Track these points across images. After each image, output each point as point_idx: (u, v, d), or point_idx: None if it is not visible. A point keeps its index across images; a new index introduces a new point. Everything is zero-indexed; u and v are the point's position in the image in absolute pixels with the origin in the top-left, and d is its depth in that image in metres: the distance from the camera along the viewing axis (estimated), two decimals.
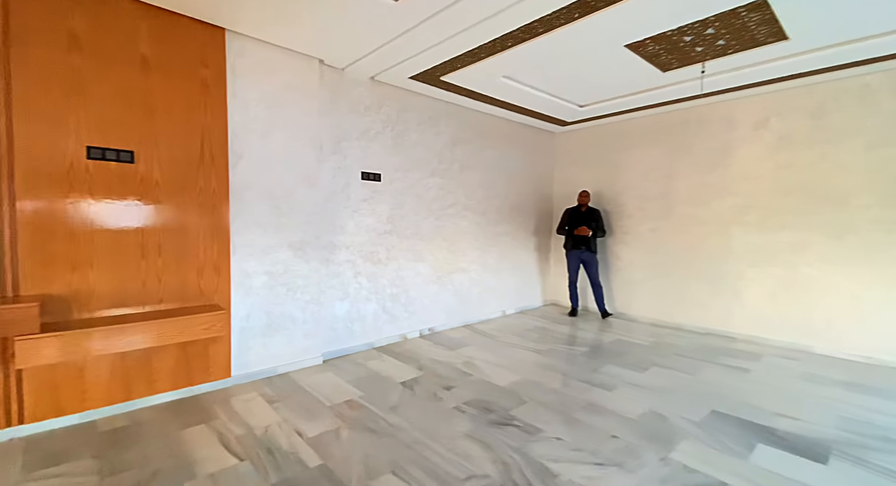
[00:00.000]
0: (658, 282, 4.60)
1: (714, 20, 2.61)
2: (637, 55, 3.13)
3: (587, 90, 3.94)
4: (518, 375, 3.02)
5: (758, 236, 3.92)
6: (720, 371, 3.15)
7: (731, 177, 4.06)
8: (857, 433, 2.21)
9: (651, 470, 1.86)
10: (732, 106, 4.03)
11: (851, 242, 3.44)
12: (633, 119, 4.69)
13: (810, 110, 3.61)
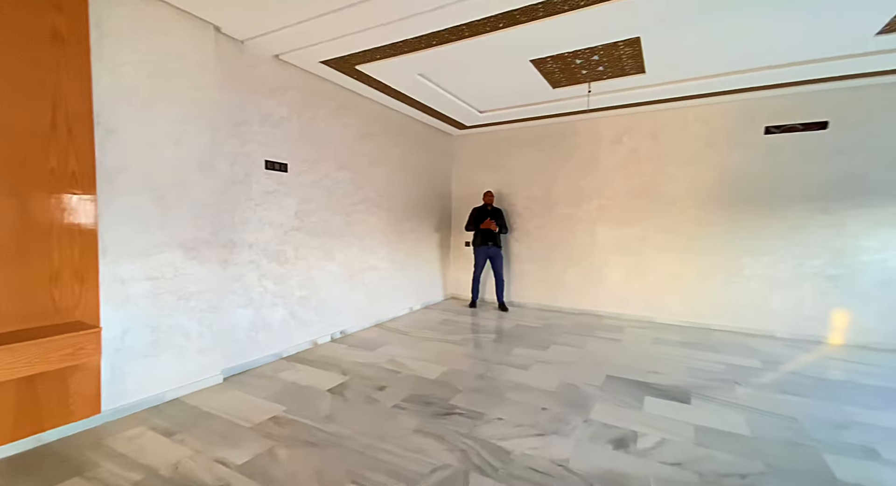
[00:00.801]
0: (542, 272, 5.25)
1: (600, 49, 3.12)
2: (537, 70, 3.53)
3: (489, 97, 4.26)
4: (444, 366, 3.10)
5: (616, 231, 4.82)
6: (600, 343, 3.79)
7: (597, 182, 4.90)
8: (701, 379, 2.93)
9: (581, 432, 2.16)
10: (598, 123, 4.85)
11: (677, 235, 4.51)
12: (523, 128, 5.24)
13: (651, 132, 4.60)
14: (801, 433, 2.15)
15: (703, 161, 4.34)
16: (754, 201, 4.11)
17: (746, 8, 2.50)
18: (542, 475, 1.78)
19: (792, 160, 3.95)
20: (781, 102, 3.94)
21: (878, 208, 3.63)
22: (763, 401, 2.54)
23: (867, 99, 3.62)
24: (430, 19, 2.56)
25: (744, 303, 4.19)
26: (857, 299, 3.74)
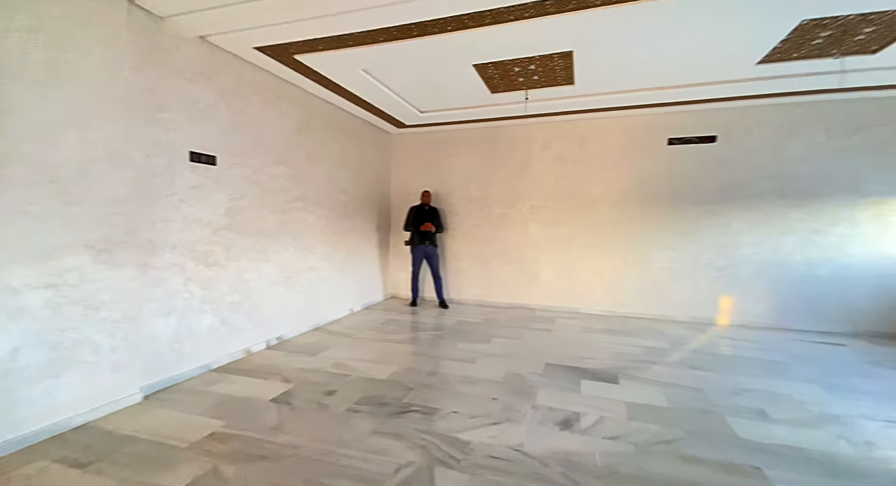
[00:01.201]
0: (480, 270, 5.45)
1: (537, 59, 3.34)
2: (479, 75, 3.66)
3: (431, 97, 4.30)
4: (393, 366, 3.08)
5: (546, 230, 5.17)
6: (536, 334, 4.05)
7: (530, 185, 5.21)
8: (625, 361, 3.28)
9: (531, 417, 2.30)
10: (530, 129, 5.16)
11: (599, 233, 4.98)
12: (462, 129, 5.37)
13: (576, 139, 5.02)
14: (706, 401, 2.53)
15: (619, 167, 4.85)
16: (660, 203, 4.70)
17: (656, 35, 2.85)
18: (502, 460, 1.87)
19: (689, 168, 4.59)
20: (681, 117, 4.56)
21: (754, 211, 4.38)
22: (675, 376, 2.94)
23: (748, 118, 4.35)
24: (380, 15, 2.53)
25: (652, 292, 4.77)
26: (738, 286, 4.48)
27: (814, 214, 4.20)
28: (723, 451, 1.95)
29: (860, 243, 4.08)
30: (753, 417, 2.31)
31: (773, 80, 3.64)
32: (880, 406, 2.44)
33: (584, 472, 1.78)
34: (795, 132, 4.22)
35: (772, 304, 4.37)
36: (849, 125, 4.05)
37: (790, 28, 2.74)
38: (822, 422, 2.24)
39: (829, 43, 2.93)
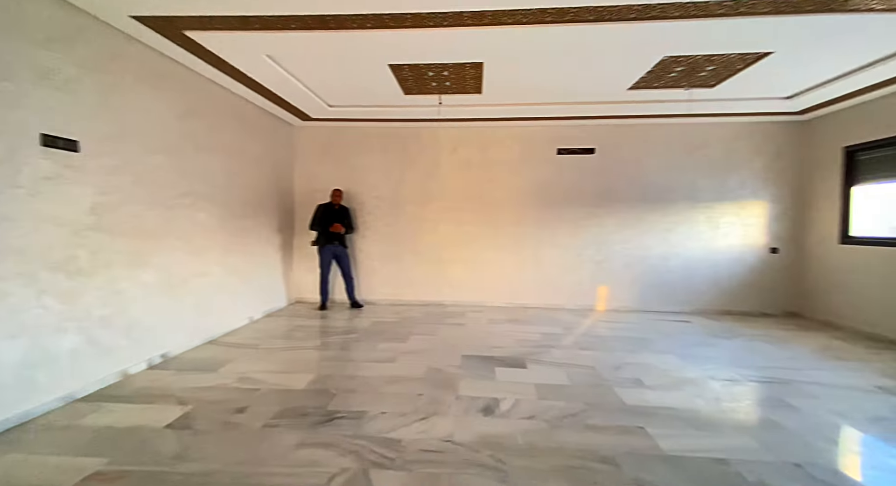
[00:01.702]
0: (392, 268, 5.45)
1: (451, 66, 3.48)
2: (394, 75, 3.66)
3: (342, 92, 4.15)
4: (309, 374, 2.92)
5: (456, 229, 5.41)
6: (449, 329, 4.22)
7: (439, 185, 5.38)
8: (528, 347, 3.63)
9: (456, 408, 2.41)
10: (438, 132, 5.33)
11: (502, 233, 5.38)
12: (373, 127, 5.28)
13: (480, 145, 5.34)
14: (597, 376, 2.96)
15: (518, 173, 5.31)
16: (551, 206, 5.29)
17: (551, 57, 3.22)
18: (435, 453, 1.94)
19: (574, 176, 5.25)
20: (568, 131, 5.19)
21: (623, 213, 5.21)
22: (570, 357, 3.36)
23: (619, 134, 5.15)
24: (297, 2, 2.37)
25: (545, 285, 5.34)
26: (611, 277, 5.28)
27: (665, 216, 5.17)
28: (616, 417, 2.32)
29: (697, 239, 5.16)
30: (633, 385, 2.78)
31: (639, 104, 4.38)
32: (720, 369, 3.15)
33: (510, 452, 1.95)
34: (652, 148, 5.14)
35: (636, 291, 5.26)
36: (689, 144, 5.09)
37: (655, 62, 3.34)
38: (682, 385, 2.81)
39: (681, 76, 3.65)
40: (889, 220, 4.15)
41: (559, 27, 2.72)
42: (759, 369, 3.14)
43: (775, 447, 2.00)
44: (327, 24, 2.67)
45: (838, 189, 4.51)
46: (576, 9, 2.50)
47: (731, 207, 5.11)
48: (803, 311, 4.96)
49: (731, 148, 5.05)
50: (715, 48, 3.06)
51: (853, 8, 2.43)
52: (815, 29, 2.71)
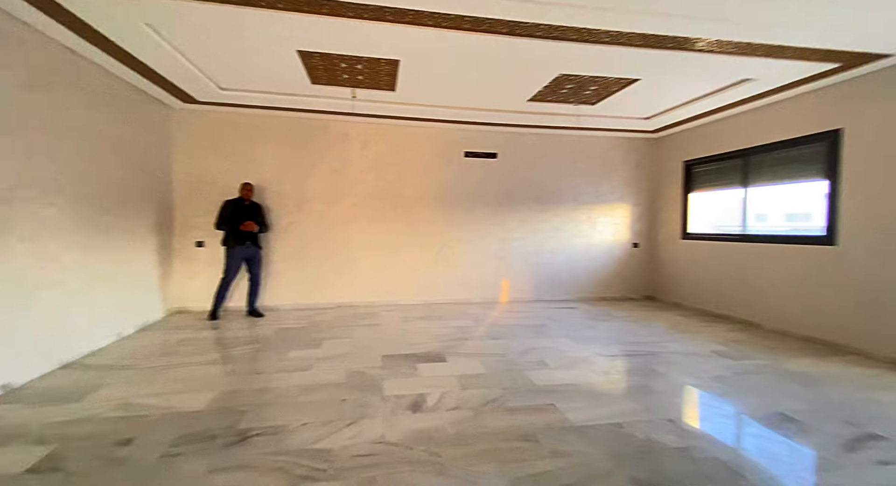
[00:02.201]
0: (298, 270, 5.09)
1: (366, 60, 3.40)
2: (302, 62, 3.43)
3: (238, 74, 3.73)
4: (210, 392, 2.59)
5: (367, 228, 5.30)
6: (365, 330, 4.13)
7: (350, 182, 5.20)
8: (445, 341, 3.76)
9: (384, 408, 2.39)
10: (348, 127, 5.14)
11: (414, 231, 5.44)
12: (274, 116, 4.84)
13: (392, 143, 5.32)
14: (509, 362, 3.21)
15: (429, 172, 5.43)
16: (461, 206, 5.53)
17: (462, 65, 3.39)
18: (368, 456, 1.90)
19: (479, 177, 5.57)
20: (474, 135, 5.48)
21: (521, 212, 5.71)
22: (484, 347, 3.58)
23: (517, 141, 5.61)
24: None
25: (455, 281, 5.58)
26: (512, 271, 5.75)
27: (556, 215, 5.82)
28: (530, 397, 2.56)
29: (580, 236, 5.91)
30: (540, 367, 3.09)
31: (535, 114, 4.84)
32: (602, 347, 3.68)
33: (442, 443, 2.02)
34: (544, 155, 5.72)
35: (532, 283, 5.82)
36: (574, 153, 5.80)
37: (552, 78, 3.73)
38: (577, 363, 3.22)
39: (570, 93, 4.14)
40: (714, 220, 5.33)
41: (474, 35, 2.87)
42: (630, 344, 3.76)
43: (653, 407, 2.44)
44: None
45: (680, 195, 5.63)
46: (492, 20, 2.66)
47: (604, 209, 5.98)
48: (657, 294, 6.07)
49: (605, 158, 5.91)
50: (599, 71, 3.56)
51: (698, 48, 3.06)
52: (671, 63, 3.34)
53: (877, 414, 2.35)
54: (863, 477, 1.76)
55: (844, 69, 3.34)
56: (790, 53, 3.08)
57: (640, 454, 1.94)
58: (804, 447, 2.02)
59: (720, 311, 4.92)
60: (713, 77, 3.68)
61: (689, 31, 2.76)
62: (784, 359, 3.34)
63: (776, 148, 4.24)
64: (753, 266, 4.49)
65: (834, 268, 3.68)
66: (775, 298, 4.22)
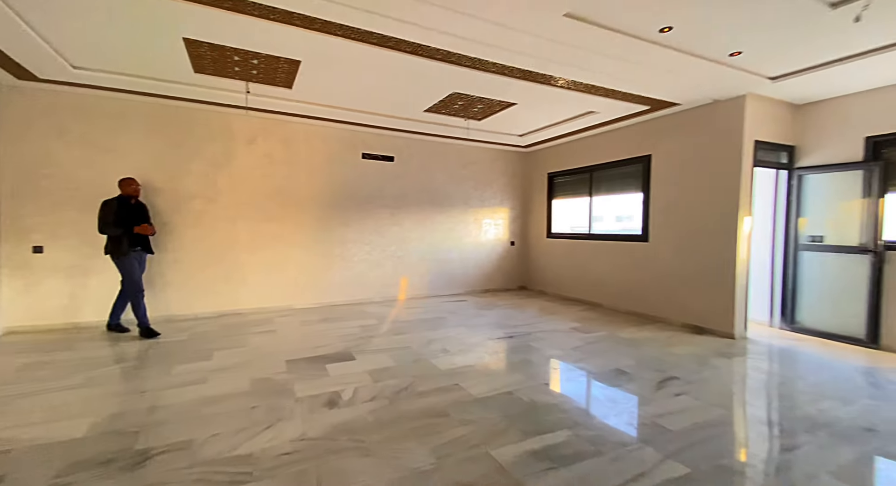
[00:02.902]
0: (172, 277, 4.53)
1: (263, 56, 3.30)
2: (186, 50, 3.15)
3: (99, 53, 3.21)
4: (87, 417, 2.27)
5: (256, 228, 4.99)
6: (260, 337, 3.96)
7: (234, 179, 4.83)
8: (350, 341, 3.87)
9: (299, 409, 2.44)
10: (231, 120, 4.76)
11: (307, 232, 5.33)
12: (144, 102, 4.21)
13: (283, 140, 5.11)
14: (414, 353, 3.51)
15: (324, 172, 5.38)
16: (358, 206, 5.61)
17: (365, 73, 3.57)
18: (293, 453, 1.97)
19: (377, 179, 5.74)
20: (372, 137, 5.62)
21: (417, 214, 6.06)
22: (390, 342, 3.81)
23: (413, 147, 5.92)
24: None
25: (354, 281, 5.65)
26: (410, 269, 6.07)
27: (449, 217, 6.33)
28: (437, 381, 2.89)
29: (469, 236, 6.54)
30: (442, 355, 3.46)
31: (430, 124, 5.23)
32: (491, 332, 4.24)
33: (364, 431, 2.20)
34: (438, 161, 6.18)
35: (428, 280, 6.23)
36: (463, 161, 6.38)
37: (445, 94, 4.14)
38: (473, 347, 3.68)
39: (461, 108, 4.62)
40: (570, 222, 6.49)
41: (380, 49, 3.07)
42: (511, 327, 4.42)
43: (533, 376, 3.01)
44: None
45: (545, 201, 6.68)
46: (398, 39, 2.90)
47: (488, 212, 6.73)
48: (529, 285, 7.08)
49: (489, 167, 6.66)
50: (485, 94, 4.09)
51: (559, 85, 3.79)
52: (539, 93, 4.04)
53: (674, 363, 3.33)
54: (666, 405, 2.55)
55: (653, 111, 4.51)
56: (619, 96, 4.04)
57: (527, 412, 2.43)
58: (631, 390, 2.78)
59: (575, 296, 6.04)
60: (568, 108, 4.56)
61: (552, 71, 3.43)
62: (618, 329, 4.36)
63: (612, 166, 5.43)
64: (595, 259, 5.65)
65: (647, 259, 4.92)
66: (610, 283, 5.41)
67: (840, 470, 1.87)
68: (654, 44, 2.90)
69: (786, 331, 4.27)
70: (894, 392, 2.78)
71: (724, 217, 4.03)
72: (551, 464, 1.90)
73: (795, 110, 4.20)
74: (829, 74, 3.36)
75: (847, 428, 2.27)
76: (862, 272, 3.69)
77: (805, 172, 4.13)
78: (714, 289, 4.14)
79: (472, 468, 1.87)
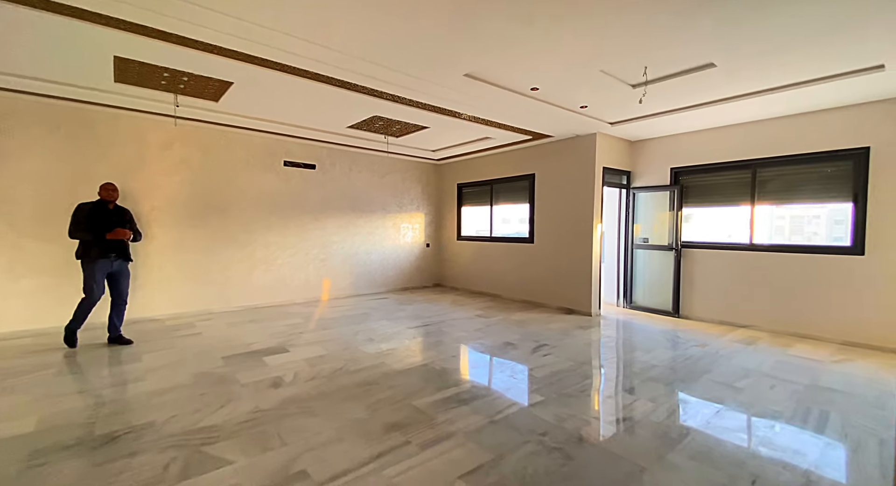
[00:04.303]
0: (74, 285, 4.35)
1: (195, 76, 3.54)
2: (114, 64, 3.28)
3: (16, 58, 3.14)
4: (28, 417, 2.41)
5: (174, 234, 4.99)
6: (186, 340, 4.09)
7: (147, 185, 4.78)
8: (282, 337, 4.23)
9: (247, 391, 2.84)
10: (140, 124, 4.71)
11: (229, 236, 5.43)
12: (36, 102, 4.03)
13: (200, 146, 5.17)
14: (344, 343, 4.03)
15: (245, 178, 5.54)
16: (281, 212, 5.87)
17: (294, 95, 4.02)
18: (251, 421, 2.42)
19: (300, 186, 6.04)
20: (293, 146, 5.91)
21: (339, 219, 6.49)
22: (320, 336, 4.26)
23: (334, 156, 6.34)
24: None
25: (277, 284, 5.88)
26: (333, 271, 6.47)
27: (369, 222, 6.86)
28: (366, 361, 3.48)
29: (388, 239, 7.15)
30: (369, 343, 4.05)
31: (353, 138, 5.73)
32: (410, 322, 4.93)
33: (309, 400, 2.71)
34: (357, 170, 6.68)
35: (351, 281, 6.69)
36: (382, 170, 6.97)
37: (367, 116, 4.72)
38: (395, 335, 4.33)
39: (381, 127, 5.24)
40: (475, 227, 7.49)
41: (312, 81, 3.56)
42: (427, 318, 5.17)
43: (443, 352, 3.78)
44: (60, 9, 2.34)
45: (455, 208, 7.60)
46: (328, 76, 3.44)
47: (406, 217, 7.42)
48: (443, 282, 7.94)
49: (406, 177, 7.35)
50: (402, 118, 4.77)
51: (463, 117, 4.65)
52: (447, 122, 4.86)
53: (547, 335, 4.38)
54: (536, 362, 3.50)
55: (534, 139, 5.65)
56: (508, 128, 5.06)
57: (438, 376, 3.18)
58: (513, 356, 3.70)
59: (481, 289, 7.04)
60: (470, 133, 5.47)
61: (457, 108, 4.26)
62: (511, 314, 5.39)
63: (507, 181, 6.52)
64: (495, 258, 6.71)
65: (532, 258, 6.08)
66: (507, 277, 6.49)
67: (634, 386, 2.96)
68: (528, 97, 3.88)
69: (627, 309, 5.72)
70: (677, 344, 4.14)
71: (583, 224, 5.29)
72: (454, 404, 2.66)
73: (631, 145, 5.67)
74: (644, 124, 4.74)
75: (643, 366, 3.45)
76: (669, 264, 5.21)
77: (637, 191, 5.61)
78: (578, 279, 5.38)
79: (398, 413, 2.53)
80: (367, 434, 2.27)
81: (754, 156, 4.59)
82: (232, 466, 1.96)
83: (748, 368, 3.42)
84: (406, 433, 2.28)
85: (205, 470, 1.93)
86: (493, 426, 2.38)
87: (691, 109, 4.17)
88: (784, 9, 2.37)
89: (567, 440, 2.24)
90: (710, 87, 3.58)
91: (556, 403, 2.72)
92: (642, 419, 2.51)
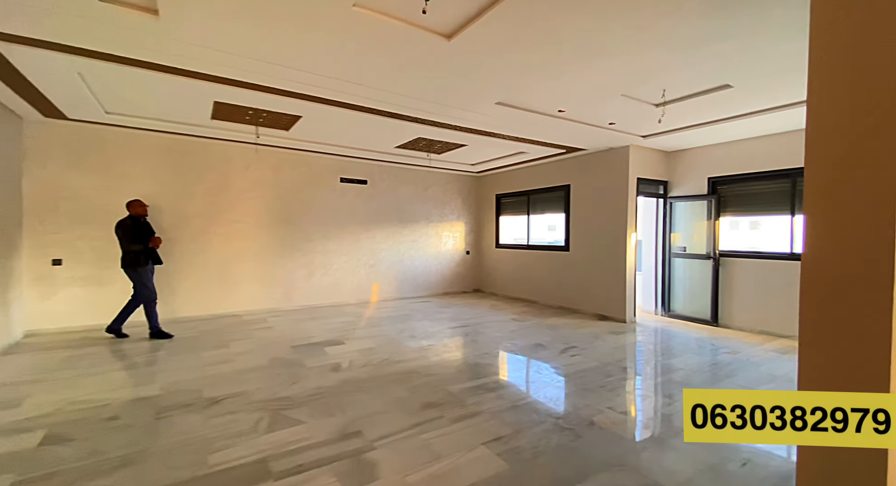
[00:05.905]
0: (175, 285, 5.29)
1: (273, 112, 4.28)
2: (212, 107, 4.08)
3: (132, 104, 4.06)
4: (152, 384, 3.14)
5: (250, 243, 5.85)
6: (261, 332, 4.84)
7: (230, 201, 5.68)
8: (338, 332, 4.86)
9: (313, 373, 3.44)
10: (228, 150, 5.63)
11: (294, 245, 6.23)
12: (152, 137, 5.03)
13: (272, 167, 6.02)
14: (390, 338, 4.56)
15: (307, 193, 6.33)
16: (337, 222, 6.60)
17: (348, 124, 4.67)
18: (316, 395, 2.98)
19: (353, 199, 6.76)
20: (347, 164, 6.65)
21: (387, 229, 7.14)
22: (369, 333, 4.84)
23: (384, 172, 7.01)
24: (139, 47, 2.79)
25: (333, 287, 6.60)
26: (381, 276, 7.11)
27: (413, 231, 7.45)
28: (409, 354, 3.98)
29: (430, 246, 7.69)
30: (412, 339, 4.55)
31: (400, 155, 6.36)
32: (449, 323, 5.39)
33: (362, 382, 3.24)
34: (403, 184, 7.30)
35: (397, 285, 7.30)
36: (425, 183, 7.56)
37: (412, 138, 5.29)
38: (435, 334, 4.81)
39: (424, 146, 5.80)
40: (512, 235, 7.83)
41: (366, 114, 4.17)
42: (465, 320, 5.60)
43: (478, 349, 4.19)
44: (164, 69, 3.10)
45: (494, 218, 7.99)
46: (379, 110, 4.03)
47: (447, 226, 7.93)
48: (482, 287, 8.33)
49: (447, 189, 7.88)
50: (444, 138, 5.29)
51: (499, 136, 5.07)
52: (486, 141, 5.30)
53: (577, 338, 4.64)
54: (563, 361, 3.80)
55: (568, 153, 5.93)
56: (543, 144, 5.40)
57: (471, 368, 3.60)
58: (542, 356, 4.02)
59: (518, 295, 7.35)
60: (506, 149, 5.88)
61: (494, 129, 4.71)
62: (545, 319, 5.67)
63: (543, 191, 6.82)
64: (532, 265, 7.00)
65: (567, 265, 6.31)
66: (542, 284, 6.76)
67: (653, 385, 3.20)
68: (557, 118, 4.24)
69: (665, 317, 5.78)
70: (708, 350, 4.23)
71: (618, 233, 5.48)
72: (483, 391, 3.07)
73: (667, 156, 5.78)
74: (678, 135, 4.88)
75: (667, 368, 3.63)
76: (708, 273, 5.24)
77: (674, 200, 5.69)
78: (612, 286, 5.56)
79: (434, 395, 2.99)
80: (408, 409, 2.75)
81: (793, 165, 4.58)
82: (304, 425, 2.52)
83: (775, 374, 3.49)
84: (440, 410, 2.73)
85: (285, 426, 2.49)
86: (515, 409, 2.76)
87: (719, 123, 4.30)
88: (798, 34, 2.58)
89: (579, 423, 2.57)
90: (731, 102, 3.74)
91: (576, 395, 3.03)
92: (652, 412, 2.76)
